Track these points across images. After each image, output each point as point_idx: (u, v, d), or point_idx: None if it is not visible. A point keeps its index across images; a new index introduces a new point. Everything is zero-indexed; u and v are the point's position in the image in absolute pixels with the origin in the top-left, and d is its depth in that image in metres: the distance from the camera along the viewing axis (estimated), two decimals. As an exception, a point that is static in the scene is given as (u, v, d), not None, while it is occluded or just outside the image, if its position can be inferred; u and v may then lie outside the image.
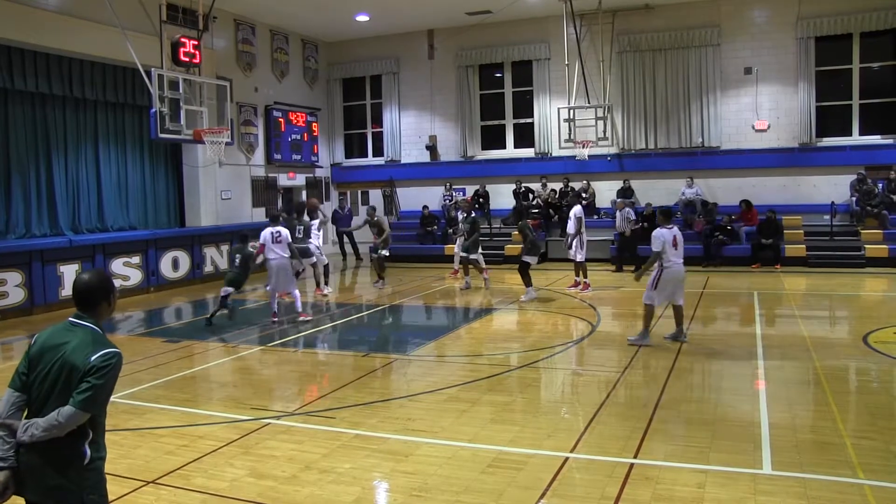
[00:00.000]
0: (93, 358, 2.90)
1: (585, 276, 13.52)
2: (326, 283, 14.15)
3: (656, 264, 8.82)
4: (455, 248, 15.21)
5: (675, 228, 9.01)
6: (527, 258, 12.40)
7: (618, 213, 16.75)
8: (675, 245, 8.82)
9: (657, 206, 13.41)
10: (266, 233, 11.06)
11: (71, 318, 3.10)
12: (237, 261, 11.37)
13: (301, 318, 11.16)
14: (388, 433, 5.92)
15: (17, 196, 13.87)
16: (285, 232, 11.08)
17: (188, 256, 15.92)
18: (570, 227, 13.49)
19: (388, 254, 14.69)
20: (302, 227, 12.88)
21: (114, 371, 2.96)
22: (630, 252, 16.33)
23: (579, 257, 13.37)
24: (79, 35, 13.66)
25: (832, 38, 17.40)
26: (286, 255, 11.01)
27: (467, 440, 5.71)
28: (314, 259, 13.50)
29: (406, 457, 5.41)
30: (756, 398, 6.69)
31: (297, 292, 11.31)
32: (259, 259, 11.36)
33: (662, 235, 8.75)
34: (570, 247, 13.49)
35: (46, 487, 2.94)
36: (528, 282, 12.42)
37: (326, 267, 14.17)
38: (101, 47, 13.85)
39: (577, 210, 13.58)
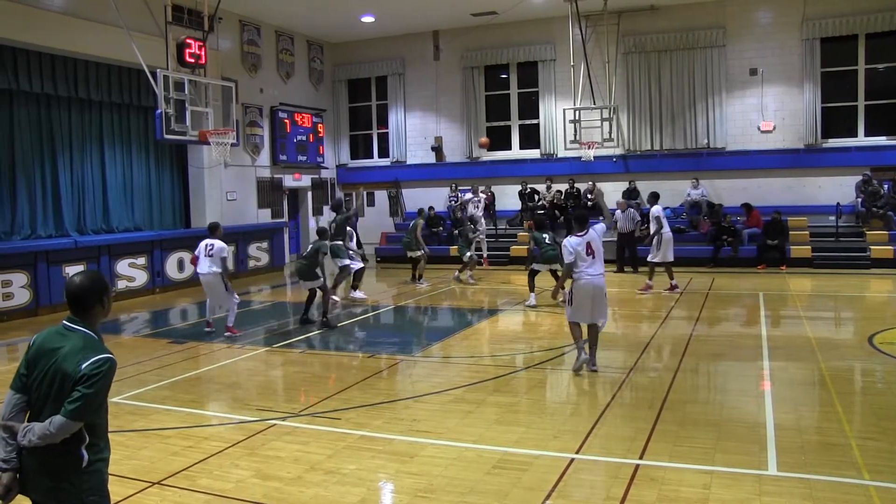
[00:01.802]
0: (83, 366, 2.87)
1: (650, 278, 13.43)
2: (355, 288, 13.53)
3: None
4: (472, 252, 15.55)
5: (592, 233, 7.81)
6: (536, 266, 12.39)
7: (620, 214, 16.69)
8: (589, 253, 7.72)
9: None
10: (201, 244, 10.34)
11: (65, 322, 3.06)
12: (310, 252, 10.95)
13: (226, 333, 10.19)
14: (393, 434, 5.93)
15: (23, 197, 13.91)
16: (219, 245, 10.08)
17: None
18: (651, 226, 13.41)
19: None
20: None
21: (105, 379, 2.92)
22: (630, 252, 16.25)
23: (649, 257, 13.32)
24: (84, 36, 13.69)
25: (837, 40, 17.37)
26: (217, 270, 10.09)
27: (472, 441, 5.71)
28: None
29: (411, 458, 5.42)
30: (761, 399, 6.68)
31: (233, 305, 10.38)
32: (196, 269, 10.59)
33: (570, 244, 7.69)
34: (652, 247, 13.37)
35: (46, 489, 2.96)
36: (532, 287, 12.39)
37: (360, 271, 13.53)
38: (106, 48, 13.88)
39: (655, 210, 13.45)
